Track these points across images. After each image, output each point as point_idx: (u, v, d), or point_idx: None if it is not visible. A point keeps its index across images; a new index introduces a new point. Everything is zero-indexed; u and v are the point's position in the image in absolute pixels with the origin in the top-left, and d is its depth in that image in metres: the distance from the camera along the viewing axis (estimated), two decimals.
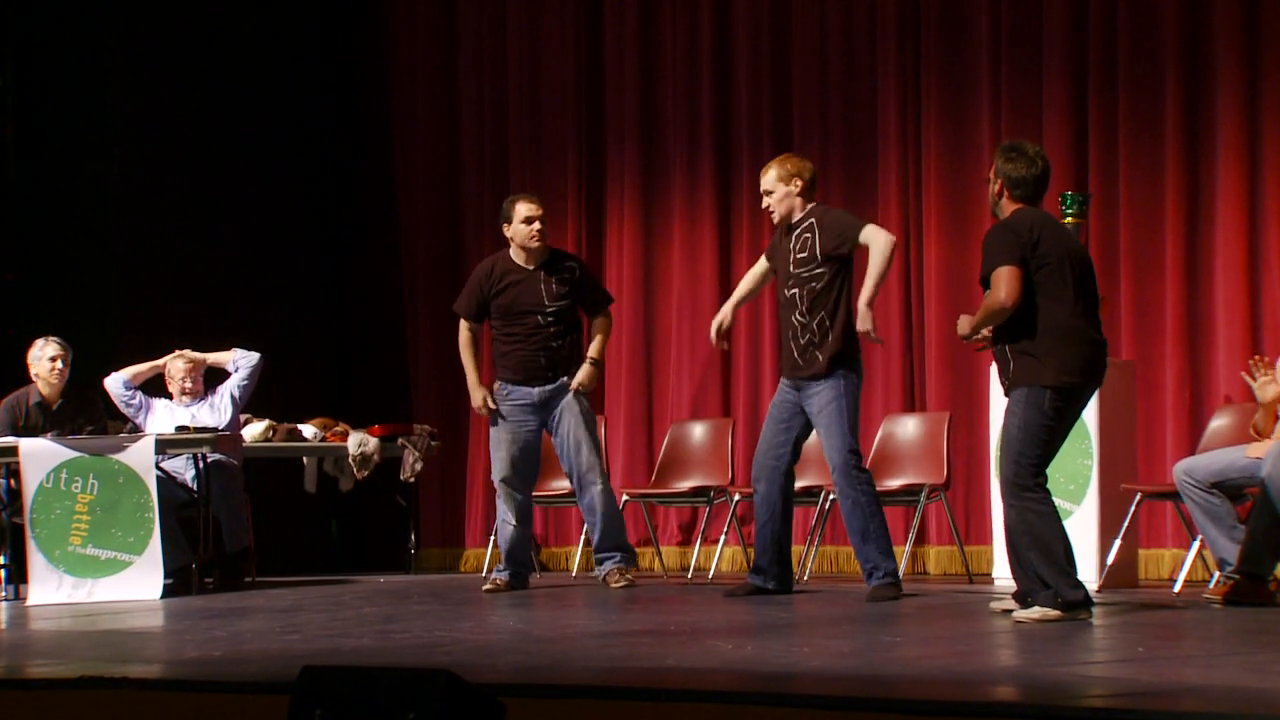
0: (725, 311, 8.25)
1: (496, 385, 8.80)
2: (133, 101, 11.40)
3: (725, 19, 11.09)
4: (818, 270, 7.86)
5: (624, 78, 11.43)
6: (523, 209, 8.71)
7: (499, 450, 8.79)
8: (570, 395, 8.71)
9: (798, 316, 7.88)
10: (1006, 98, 10.01)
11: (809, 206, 7.99)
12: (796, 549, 9.94)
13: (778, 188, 7.97)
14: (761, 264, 8.29)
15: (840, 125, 10.64)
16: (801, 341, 7.87)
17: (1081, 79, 9.82)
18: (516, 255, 8.77)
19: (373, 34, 12.51)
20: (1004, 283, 6.53)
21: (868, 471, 7.99)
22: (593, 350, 8.81)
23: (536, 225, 8.68)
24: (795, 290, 7.90)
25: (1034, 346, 6.58)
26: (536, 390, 8.73)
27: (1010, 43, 10.02)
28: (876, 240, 7.82)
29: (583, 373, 8.72)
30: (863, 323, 7.72)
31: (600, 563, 8.86)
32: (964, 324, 6.78)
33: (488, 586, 8.80)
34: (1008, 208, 6.74)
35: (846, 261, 7.90)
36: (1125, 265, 9.63)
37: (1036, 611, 6.53)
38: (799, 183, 7.95)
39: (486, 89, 11.98)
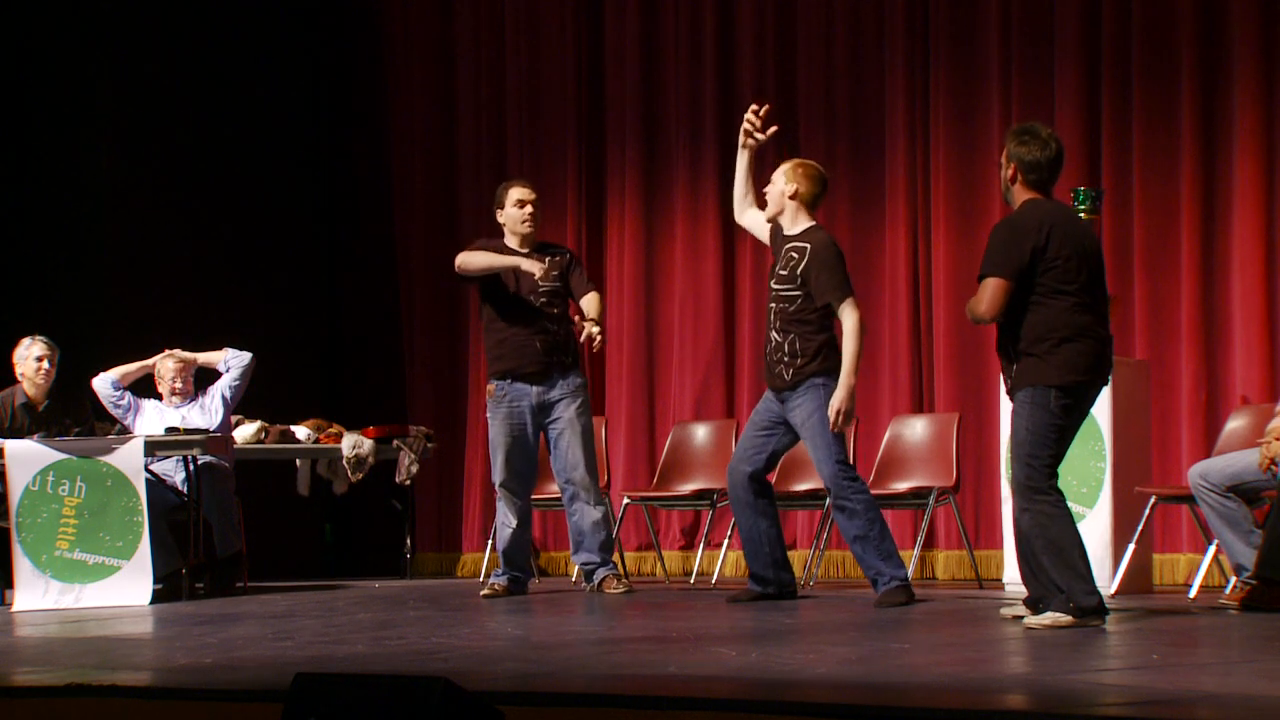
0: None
1: (492, 386, 8.70)
2: (122, 98, 11.38)
3: (729, 8, 11.00)
4: (794, 293, 7.73)
5: (625, 70, 11.38)
6: (515, 193, 8.71)
7: (497, 453, 8.72)
8: (572, 410, 8.58)
9: (771, 332, 7.80)
10: (1017, 90, 9.95)
11: (808, 226, 7.81)
12: (802, 553, 9.86)
13: (777, 181, 7.83)
14: (759, 219, 8.00)
15: (847, 119, 10.58)
16: (773, 357, 7.79)
17: (1095, 70, 9.78)
18: (510, 241, 8.74)
19: (368, 30, 12.44)
20: (988, 296, 6.49)
21: (860, 479, 7.82)
22: (592, 312, 8.47)
23: (529, 209, 8.67)
24: (772, 304, 7.82)
25: (1037, 346, 6.51)
26: (534, 389, 8.60)
27: (1022, 34, 9.97)
28: (849, 322, 7.66)
29: (591, 321, 8.38)
30: (838, 403, 7.55)
31: (590, 572, 8.72)
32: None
33: (485, 591, 8.73)
34: (1021, 194, 6.66)
35: None
36: (1139, 262, 9.60)
37: (1048, 617, 6.46)
38: (796, 190, 7.76)
39: (484, 85, 11.92)
